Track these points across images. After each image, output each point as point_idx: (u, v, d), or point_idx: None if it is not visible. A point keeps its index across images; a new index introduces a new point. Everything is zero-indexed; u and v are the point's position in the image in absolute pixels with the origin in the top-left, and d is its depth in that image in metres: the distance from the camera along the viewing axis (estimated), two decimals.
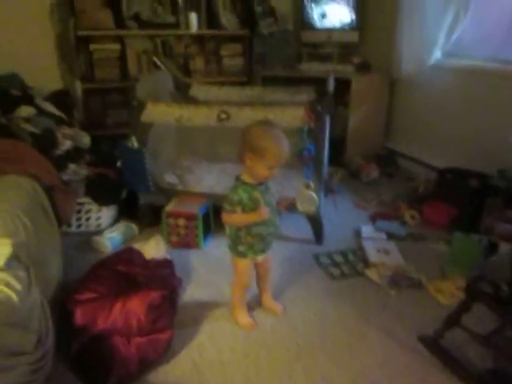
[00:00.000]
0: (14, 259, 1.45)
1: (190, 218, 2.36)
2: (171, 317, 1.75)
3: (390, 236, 2.54)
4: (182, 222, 2.37)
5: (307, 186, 2.26)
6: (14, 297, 1.32)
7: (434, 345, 1.65)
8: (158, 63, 3.57)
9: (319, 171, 2.33)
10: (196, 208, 2.40)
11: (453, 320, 1.57)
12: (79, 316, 1.62)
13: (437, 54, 3.11)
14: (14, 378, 1.20)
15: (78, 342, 1.57)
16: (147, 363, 1.59)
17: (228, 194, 1.64)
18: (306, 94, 2.73)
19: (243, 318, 1.85)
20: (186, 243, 2.42)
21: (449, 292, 2.02)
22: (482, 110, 2.88)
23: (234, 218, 1.65)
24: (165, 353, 1.64)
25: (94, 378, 1.52)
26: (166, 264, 2.08)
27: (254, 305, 1.97)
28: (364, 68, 3.67)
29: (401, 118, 3.68)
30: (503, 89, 2.73)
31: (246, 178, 1.64)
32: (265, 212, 1.60)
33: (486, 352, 1.63)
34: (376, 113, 3.67)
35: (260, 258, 1.78)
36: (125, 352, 1.55)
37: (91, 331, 1.59)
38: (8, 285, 1.33)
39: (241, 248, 1.72)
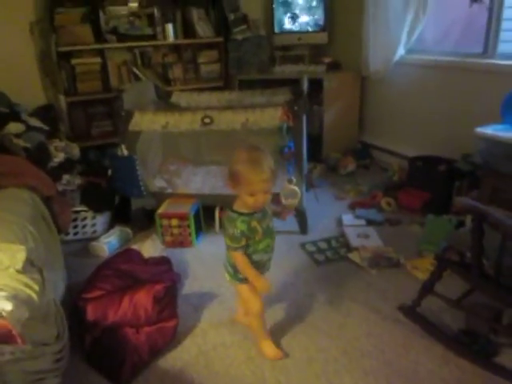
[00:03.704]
0: (29, 263, 1.58)
1: (182, 217, 2.51)
2: (175, 307, 1.90)
3: (369, 222, 2.75)
4: (175, 222, 2.52)
5: (290, 181, 2.44)
6: (34, 296, 1.45)
7: (412, 312, 1.85)
8: (138, 74, 3.71)
9: (300, 166, 2.51)
10: (187, 208, 2.55)
11: (427, 288, 1.76)
12: (90, 312, 1.76)
13: (401, 52, 3.34)
14: (42, 365, 1.35)
15: (90, 335, 1.71)
16: (157, 350, 1.73)
17: (227, 229, 1.55)
18: (282, 95, 2.90)
19: (269, 348, 1.75)
20: (180, 242, 2.57)
21: (424, 268, 2.22)
22: (445, 100, 3.12)
23: (241, 264, 1.58)
24: (172, 340, 1.79)
25: (110, 367, 1.65)
26: (164, 261, 2.23)
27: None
28: (335, 67, 3.87)
29: (373, 112, 3.89)
30: (463, 80, 2.97)
31: (240, 207, 1.53)
32: (266, 284, 1.58)
33: (458, 315, 1.84)
34: (349, 109, 3.87)
35: None
36: (135, 341, 1.70)
37: (103, 324, 1.72)
38: (27, 285, 1.46)
39: (241, 275, 1.64)
